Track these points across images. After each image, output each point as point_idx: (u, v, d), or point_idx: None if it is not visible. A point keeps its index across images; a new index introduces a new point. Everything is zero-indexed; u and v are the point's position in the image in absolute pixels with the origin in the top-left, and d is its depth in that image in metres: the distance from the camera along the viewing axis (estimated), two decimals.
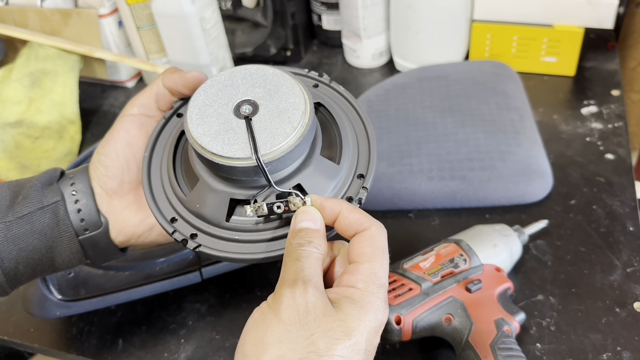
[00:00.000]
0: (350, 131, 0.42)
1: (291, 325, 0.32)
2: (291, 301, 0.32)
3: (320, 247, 0.36)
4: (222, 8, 0.84)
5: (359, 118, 0.44)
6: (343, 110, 0.44)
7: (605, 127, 0.70)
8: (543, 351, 0.49)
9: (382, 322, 0.34)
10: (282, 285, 0.33)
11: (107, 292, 0.54)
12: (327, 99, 0.44)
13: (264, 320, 0.32)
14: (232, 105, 0.39)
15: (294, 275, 0.34)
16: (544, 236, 0.58)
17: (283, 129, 0.37)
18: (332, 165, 0.40)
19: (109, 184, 0.44)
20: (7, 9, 0.83)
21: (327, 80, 0.46)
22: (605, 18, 0.73)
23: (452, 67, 0.76)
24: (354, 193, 0.40)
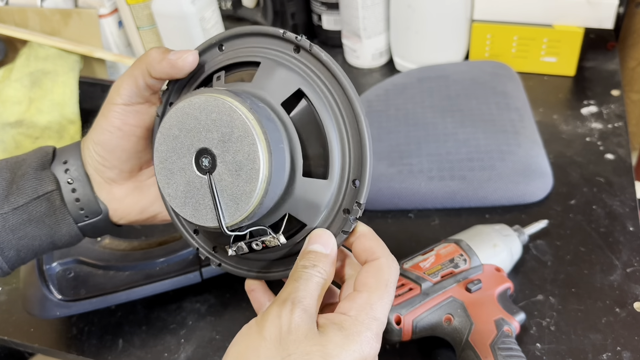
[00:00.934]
0: (337, 125, 0.37)
1: (271, 343, 0.32)
2: (276, 319, 0.32)
3: (324, 272, 0.35)
4: (222, 8, 0.84)
5: (347, 101, 0.36)
6: (326, 95, 0.37)
7: (605, 127, 0.70)
8: (543, 351, 0.49)
9: (367, 355, 0.33)
10: (273, 304, 0.33)
11: (107, 292, 0.54)
12: (307, 79, 0.37)
13: (248, 334, 0.33)
14: (193, 155, 0.35)
15: (287, 295, 0.34)
16: (544, 236, 0.58)
17: (244, 188, 0.34)
18: (319, 183, 0.36)
19: (107, 173, 0.43)
20: (7, 9, 0.83)
21: (307, 46, 0.37)
22: (605, 18, 0.73)
23: (452, 67, 0.76)
24: (349, 204, 0.37)
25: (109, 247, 0.57)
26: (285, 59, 0.38)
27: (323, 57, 0.37)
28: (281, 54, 0.38)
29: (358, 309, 0.34)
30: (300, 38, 0.37)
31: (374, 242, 0.37)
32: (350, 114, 0.36)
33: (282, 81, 0.37)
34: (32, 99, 0.77)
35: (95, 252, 0.56)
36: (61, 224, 0.42)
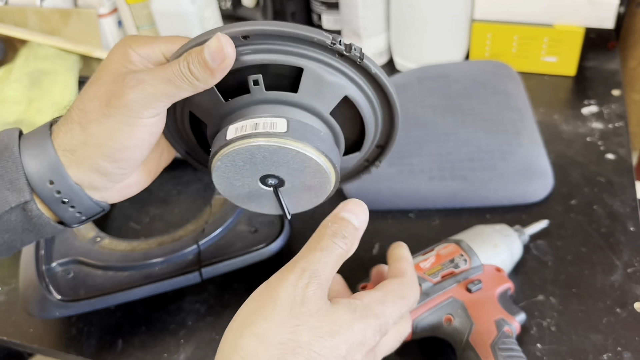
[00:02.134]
0: (373, 111, 0.42)
1: (282, 309, 0.32)
2: (291, 288, 0.32)
3: (349, 246, 0.36)
4: (222, 8, 0.84)
5: (383, 94, 0.41)
6: (366, 93, 0.40)
7: (606, 127, 0.70)
8: (543, 351, 0.49)
9: (368, 341, 0.34)
10: (291, 270, 0.33)
11: (107, 292, 0.54)
12: (353, 84, 0.39)
13: (259, 298, 0.33)
14: (258, 178, 0.38)
15: (306, 264, 0.34)
16: (545, 236, 0.58)
17: (312, 200, 0.39)
18: (353, 156, 0.43)
19: (113, 182, 0.39)
20: (6, 9, 0.83)
21: (358, 56, 0.37)
22: (605, 17, 0.73)
23: (453, 67, 0.75)
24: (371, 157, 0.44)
25: (108, 247, 0.57)
26: (328, 63, 0.37)
27: (372, 69, 0.38)
28: (322, 57, 0.37)
29: (371, 299, 0.35)
30: (350, 50, 0.37)
31: (409, 267, 0.40)
32: (385, 102, 0.42)
33: (330, 90, 0.38)
34: (31, 99, 0.77)
35: (94, 252, 0.56)
36: (44, 226, 0.38)
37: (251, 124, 0.36)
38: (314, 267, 0.33)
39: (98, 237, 0.57)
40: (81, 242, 0.57)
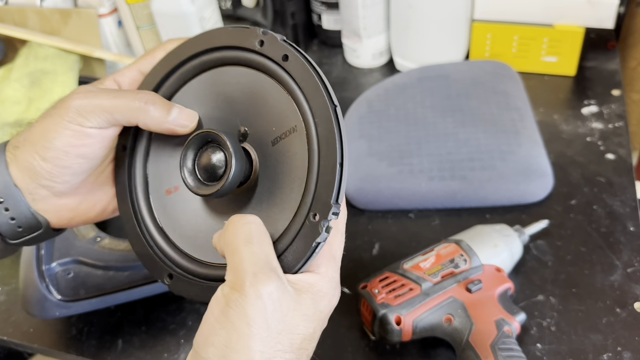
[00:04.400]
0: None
1: (258, 328, 0.30)
2: (258, 302, 0.30)
3: (258, 219, 0.33)
4: (222, 8, 0.84)
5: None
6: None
7: (606, 127, 0.70)
8: (543, 351, 0.49)
9: (334, 305, 0.35)
10: (243, 281, 0.30)
11: (107, 292, 0.54)
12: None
13: (228, 321, 0.30)
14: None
15: (253, 266, 0.31)
16: (545, 236, 0.58)
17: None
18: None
19: (54, 188, 0.37)
20: (6, 9, 0.83)
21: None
22: (605, 18, 0.73)
23: (453, 67, 0.75)
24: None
25: (108, 247, 0.57)
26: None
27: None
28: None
29: (326, 263, 0.34)
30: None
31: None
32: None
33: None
34: (31, 99, 0.77)
35: (94, 252, 0.56)
36: None
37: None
38: (261, 265, 0.31)
39: (98, 237, 0.57)
40: (81, 242, 0.57)
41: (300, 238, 0.32)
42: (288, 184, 0.34)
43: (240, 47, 0.36)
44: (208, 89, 0.37)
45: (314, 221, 0.32)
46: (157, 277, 0.37)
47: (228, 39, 0.36)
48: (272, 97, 0.35)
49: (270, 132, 0.35)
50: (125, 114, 0.36)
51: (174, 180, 0.38)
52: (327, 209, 0.31)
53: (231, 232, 0.32)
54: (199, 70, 0.38)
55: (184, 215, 0.38)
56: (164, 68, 0.38)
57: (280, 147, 0.34)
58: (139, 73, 0.40)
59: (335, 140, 0.32)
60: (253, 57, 0.35)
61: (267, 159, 0.35)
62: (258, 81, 0.35)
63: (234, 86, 0.36)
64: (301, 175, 0.33)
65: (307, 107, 0.33)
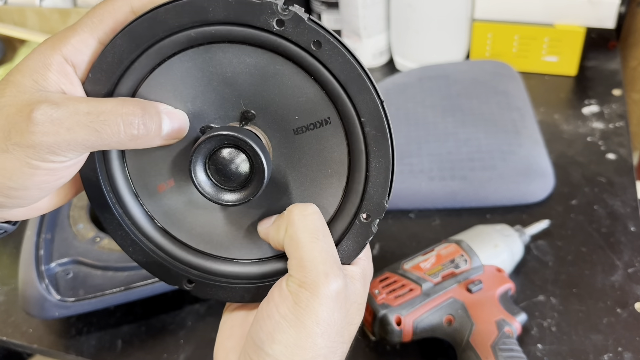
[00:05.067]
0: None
1: (327, 327, 0.30)
2: (329, 302, 0.30)
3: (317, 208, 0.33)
4: None
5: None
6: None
7: (607, 126, 0.70)
8: (544, 352, 0.49)
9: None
10: (315, 282, 0.30)
11: (106, 292, 0.54)
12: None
13: (297, 320, 0.30)
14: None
15: (324, 265, 0.30)
16: (545, 236, 0.58)
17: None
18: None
19: (22, 208, 0.32)
20: (6, 9, 0.83)
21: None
22: (606, 17, 0.73)
23: (453, 67, 0.75)
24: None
25: (107, 247, 0.57)
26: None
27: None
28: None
29: (366, 255, 0.35)
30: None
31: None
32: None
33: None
34: None
35: (93, 252, 0.56)
36: None
37: None
38: (330, 263, 0.30)
39: (97, 237, 0.57)
40: (80, 242, 0.57)
41: (350, 237, 0.32)
42: (321, 178, 0.32)
43: (248, 25, 0.29)
44: (198, 68, 0.31)
45: (365, 221, 0.32)
46: (174, 284, 0.34)
47: (228, 14, 0.29)
48: (293, 83, 0.30)
49: (291, 119, 0.31)
50: (112, 145, 0.29)
51: (164, 173, 0.33)
52: (380, 209, 0.31)
53: (296, 226, 0.31)
54: (184, 46, 0.30)
55: (189, 211, 0.34)
56: (136, 42, 0.29)
57: (307, 138, 0.31)
58: (98, 43, 0.30)
59: (387, 140, 0.30)
60: (267, 37, 0.29)
61: (287, 147, 0.32)
62: (272, 63, 0.30)
63: (236, 67, 0.30)
64: (339, 171, 0.31)
65: (347, 102, 0.30)
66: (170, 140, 0.31)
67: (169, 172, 0.33)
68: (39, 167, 0.28)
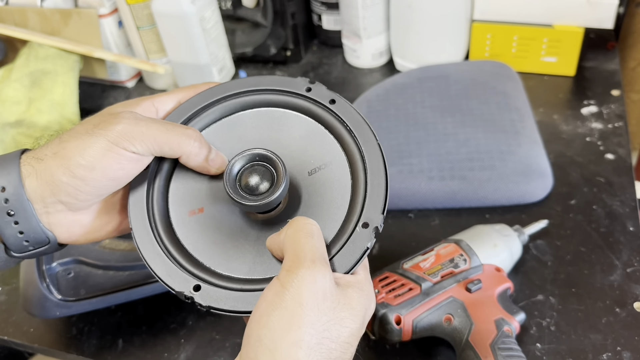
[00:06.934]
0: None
1: (310, 310, 0.31)
2: (311, 285, 0.32)
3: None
4: (222, 8, 0.84)
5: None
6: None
7: (606, 127, 0.70)
8: (543, 351, 0.49)
9: (373, 310, 0.36)
10: (300, 265, 0.32)
11: (107, 292, 0.54)
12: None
13: (281, 302, 0.32)
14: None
15: (312, 255, 0.33)
16: (544, 236, 0.58)
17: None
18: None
19: (74, 204, 0.37)
20: (7, 9, 0.83)
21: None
22: (605, 18, 0.73)
23: (452, 67, 0.76)
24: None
25: (108, 247, 0.57)
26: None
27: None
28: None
29: (363, 269, 0.37)
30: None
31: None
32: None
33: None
34: (32, 99, 0.77)
35: (95, 252, 0.56)
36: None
37: None
38: (318, 255, 0.33)
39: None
40: None
41: (350, 243, 0.36)
42: (328, 205, 0.37)
43: (288, 92, 0.40)
44: (239, 127, 0.41)
45: (364, 229, 0.36)
46: (180, 289, 0.36)
47: (276, 84, 0.41)
48: (312, 135, 0.40)
49: (307, 164, 0.39)
50: (174, 148, 0.37)
51: (198, 202, 0.39)
52: (377, 218, 0.36)
53: (294, 228, 0.35)
54: (236, 109, 0.41)
55: (211, 235, 0.38)
56: (202, 101, 0.41)
57: (319, 176, 0.38)
58: (178, 103, 0.41)
59: (382, 167, 0.37)
60: (296, 101, 0.40)
61: (302, 187, 0.38)
62: (297, 122, 0.40)
63: (271, 124, 0.40)
64: (344, 196, 0.37)
65: (352, 142, 0.38)
66: (212, 168, 0.39)
67: (202, 203, 0.39)
68: (111, 149, 0.35)
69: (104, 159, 0.35)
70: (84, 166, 0.35)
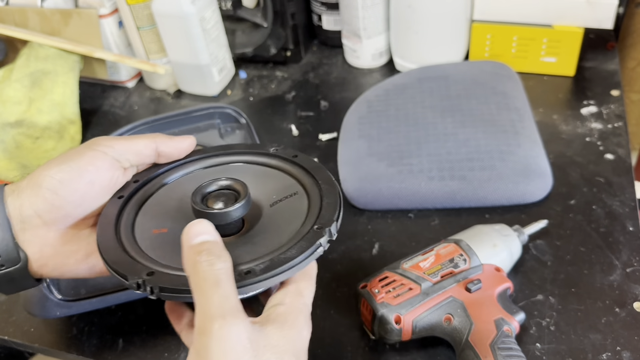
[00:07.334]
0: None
1: None
2: (226, 343, 0.30)
3: (228, 259, 0.34)
4: (222, 8, 0.84)
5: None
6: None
7: (605, 127, 0.70)
8: (543, 351, 0.49)
9: (306, 339, 0.35)
10: (211, 324, 0.31)
11: (108, 291, 0.54)
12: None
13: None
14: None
15: (221, 310, 0.31)
16: (544, 236, 0.58)
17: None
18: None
19: (50, 213, 0.38)
20: (7, 9, 0.83)
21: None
22: (604, 18, 0.73)
23: (452, 67, 0.76)
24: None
25: None
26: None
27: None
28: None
29: (291, 296, 0.35)
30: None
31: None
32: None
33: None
34: (32, 99, 0.77)
35: None
36: None
37: None
38: (228, 306, 0.31)
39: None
40: None
41: (305, 239, 0.37)
42: (287, 224, 0.40)
43: (259, 153, 0.47)
44: (216, 174, 0.44)
45: (318, 231, 0.38)
46: (133, 275, 0.36)
47: (247, 147, 0.47)
48: (275, 178, 0.45)
49: (270, 199, 0.43)
50: (147, 142, 0.42)
51: (162, 225, 0.41)
52: (330, 221, 0.38)
53: (201, 276, 0.33)
54: (212, 164, 0.46)
55: (170, 248, 0.38)
56: (195, 154, 0.46)
57: (280, 206, 0.42)
58: (154, 144, 0.43)
59: (335, 187, 0.42)
60: (265, 160, 0.46)
61: (264, 215, 0.42)
62: (264, 173, 0.45)
63: (241, 174, 0.44)
64: (300, 216, 0.40)
65: (312, 179, 0.43)
66: (183, 143, 0.44)
67: (167, 225, 0.41)
68: (89, 147, 0.39)
69: (81, 158, 0.39)
70: (63, 167, 0.38)
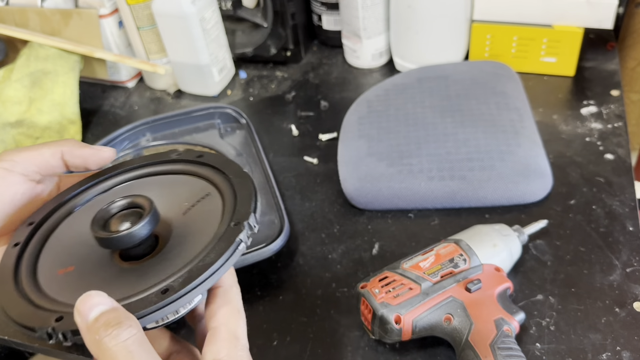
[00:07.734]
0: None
1: None
2: None
3: (133, 322, 0.30)
4: (222, 8, 0.84)
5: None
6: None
7: (605, 127, 0.70)
8: (543, 351, 0.49)
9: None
10: None
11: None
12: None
13: None
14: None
15: None
16: (544, 236, 0.58)
17: None
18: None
19: None
20: (7, 9, 0.83)
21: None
22: (604, 18, 0.73)
23: (452, 67, 0.76)
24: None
25: None
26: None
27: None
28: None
29: (227, 345, 0.33)
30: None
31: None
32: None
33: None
34: (32, 99, 0.77)
35: None
36: None
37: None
38: None
39: None
40: None
41: (223, 239, 0.35)
42: (204, 229, 0.37)
43: (160, 162, 0.44)
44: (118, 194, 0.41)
45: (235, 227, 0.36)
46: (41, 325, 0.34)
47: (146, 159, 0.45)
48: (182, 184, 0.42)
49: (181, 207, 0.40)
50: (52, 148, 0.41)
51: (69, 262, 0.38)
52: (247, 214, 0.36)
53: (109, 354, 0.30)
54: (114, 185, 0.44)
55: (78, 285, 0.36)
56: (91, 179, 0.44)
57: (193, 212, 0.40)
58: (60, 153, 0.42)
59: (248, 178, 0.40)
60: (169, 167, 0.44)
61: (178, 225, 0.39)
62: (171, 181, 0.43)
63: (146, 188, 0.43)
64: (216, 217, 0.38)
65: (222, 175, 0.41)
66: (104, 152, 0.43)
67: (72, 262, 0.39)
68: (11, 171, 0.39)
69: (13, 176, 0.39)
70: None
